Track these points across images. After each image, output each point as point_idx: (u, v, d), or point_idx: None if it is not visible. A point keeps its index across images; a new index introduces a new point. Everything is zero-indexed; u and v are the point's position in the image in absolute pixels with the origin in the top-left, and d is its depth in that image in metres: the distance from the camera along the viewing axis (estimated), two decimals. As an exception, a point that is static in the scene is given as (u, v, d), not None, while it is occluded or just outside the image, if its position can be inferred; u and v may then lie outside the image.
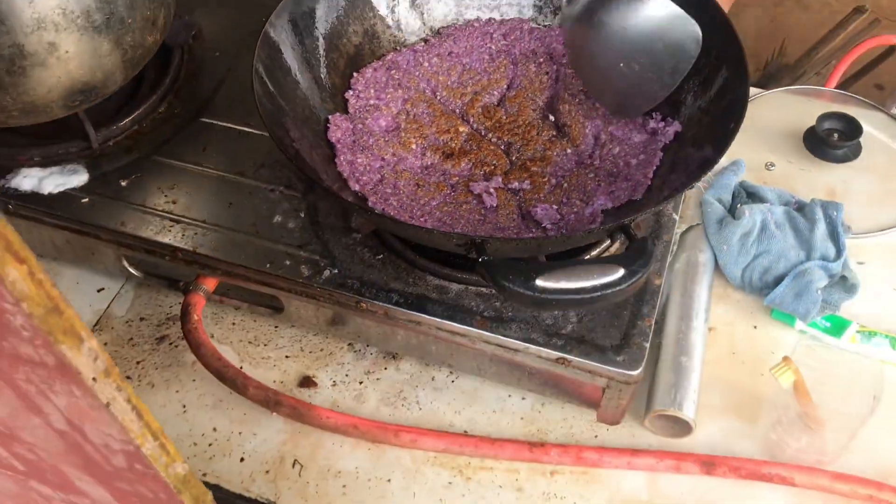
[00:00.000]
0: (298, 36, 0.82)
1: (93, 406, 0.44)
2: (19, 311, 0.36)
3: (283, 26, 0.81)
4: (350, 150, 0.82)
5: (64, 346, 0.39)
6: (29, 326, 0.37)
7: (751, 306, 0.95)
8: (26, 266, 0.35)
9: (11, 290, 0.35)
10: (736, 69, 0.77)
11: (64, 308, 0.38)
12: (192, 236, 0.84)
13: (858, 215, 1.02)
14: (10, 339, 0.40)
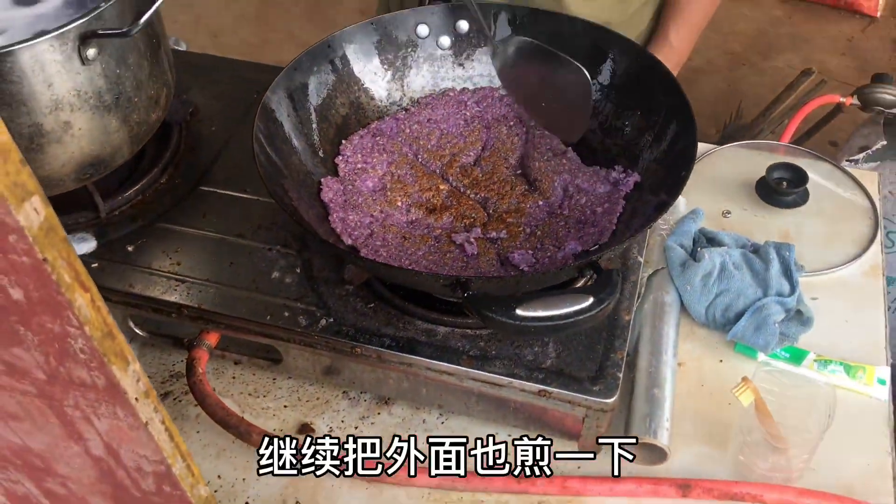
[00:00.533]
0: (293, 107, 0.91)
1: (132, 426, 0.51)
2: (82, 334, 0.43)
3: (280, 98, 0.89)
4: (342, 209, 0.89)
5: (115, 366, 0.45)
6: (88, 349, 0.44)
7: (716, 341, 1.02)
8: (90, 294, 0.42)
9: (78, 314, 0.42)
10: (684, 123, 0.86)
11: (116, 333, 0.45)
12: (197, 294, 0.91)
13: (810, 255, 1.10)
14: (67, 364, 0.46)
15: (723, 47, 3.25)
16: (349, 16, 3.45)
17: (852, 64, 3.19)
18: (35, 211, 0.37)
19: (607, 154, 0.96)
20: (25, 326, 0.44)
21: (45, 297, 0.41)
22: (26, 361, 0.48)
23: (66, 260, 0.40)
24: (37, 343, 0.45)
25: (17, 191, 0.36)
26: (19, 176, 0.36)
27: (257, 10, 3.52)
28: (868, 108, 1.84)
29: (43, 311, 0.42)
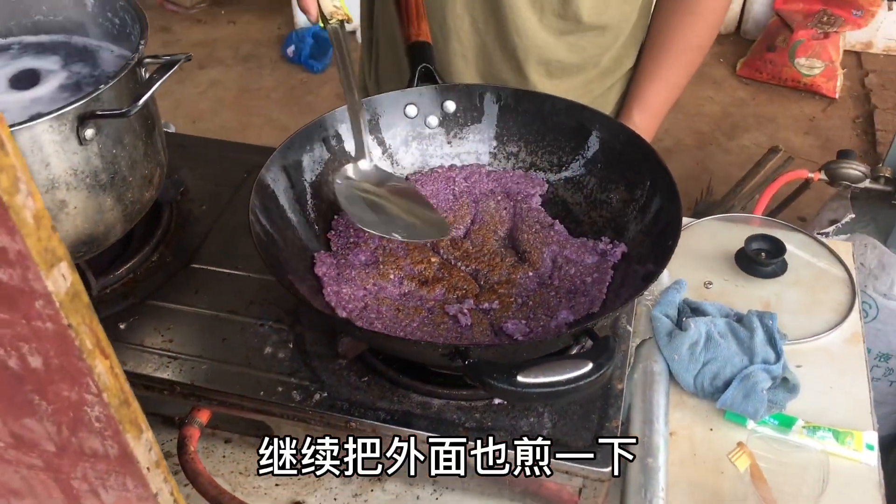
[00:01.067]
0: (290, 182, 0.93)
1: (141, 497, 0.50)
2: (99, 401, 0.43)
3: (276, 173, 0.91)
4: (335, 282, 0.90)
5: (129, 434, 0.45)
6: (104, 417, 0.44)
7: (705, 410, 1.03)
8: (109, 361, 0.42)
9: (97, 381, 0.42)
10: (668, 196, 0.89)
11: (132, 401, 0.45)
12: (190, 370, 0.90)
13: (791, 324, 1.13)
14: (80, 434, 0.46)
15: (691, 127, 3.36)
16: (327, 101, 3.53)
17: (815, 142, 3.31)
18: (63, 277, 0.38)
19: (593, 226, 0.98)
20: (41, 395, 0.44)
21: (65, 364, 0.41)
22: (36, 433, 0.47)
23: (89, 325, 0.40)
24: (50, 412, 0.45)
25: (47, 256, 0.36)
26: (50, 241, 0.37)
27: (235, 96, 3.58)
28: (835, 182, 1.90)
29: (61, 378, 0.43)
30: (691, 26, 1.21)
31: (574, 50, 1.19)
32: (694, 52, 1.25)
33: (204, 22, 4.08)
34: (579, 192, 1.01)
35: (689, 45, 1.23)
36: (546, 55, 1.17)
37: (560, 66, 1.19)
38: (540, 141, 1.03)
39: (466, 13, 1.14)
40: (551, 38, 1.15)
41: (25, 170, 0.35)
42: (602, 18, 1.16)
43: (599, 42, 1.20)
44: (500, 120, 1.04)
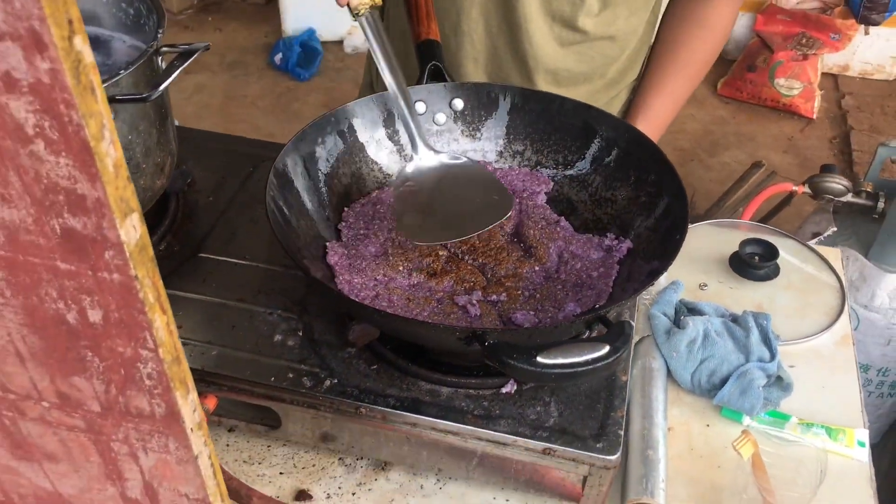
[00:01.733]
0: (306, 170, 0.94)
1: (181, 459, 0.51)
2: (154, 357, 0.44)
3: (294, 161, 0.93)
4: (347, 272, 0.92)
5: (178, 393, 0.47)
6: (156, 374, 0.45)
7: (702, 406, 1.06)
8: (167, 317, 0.44)
9: (155, 336, 0.43)
10: (674, 194, 0.92)
11: (182, 359, 0.46)
12: (200, 356, 0.91)
13: (784, 326, 1.15)
14: (128, 392, 0.47)
15: (672, 144, 3.41)
16: (314, 109, 3.54)
17: (794, 161, 3.37)
18: (134, 228, 0.39)
19: (598, 223, 1.01)
20: (94, 351, 0.45)
21: (125, 317, 0.42)
22: (83, 392, 0.48)
23: (153, 279, 0.41)
24: (101, 370, 0.46)
25: (122, 206, 0.38)
26: (125, 191, 0.38)
27: (221, 102, 3.58)
28: (818, 196, 1.95)
29: (118, 333, 0.44)
30: (699, 40, 1.23)
31: (582, 60, 1.21)
32: (699, 66, 1.26)
33: (191, 28, 4.08)
34: (584, 191, 1.03)
35: (696, 58, 1.25)
36: (555, 64, 1.19)
37: (568, 74, 1.21)
38: (546, 140, 1.06)
39: (481, 18, 1.16)
40: (560, 48, 1.18)
41: (110, 118, 0.36)
42: (609, 30, 1.18)
43: (607, 52, 1.22)
44: (507, 119, 1.06)
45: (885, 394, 1.99)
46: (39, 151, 0.36)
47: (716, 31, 1.24)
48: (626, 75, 1.28)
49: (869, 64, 3.83)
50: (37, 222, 0.39)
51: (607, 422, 0.86)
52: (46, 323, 0.44)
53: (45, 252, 0.40)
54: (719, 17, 1.23)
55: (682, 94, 1.27)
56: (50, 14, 0.31)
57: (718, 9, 1.22)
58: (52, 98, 0.34)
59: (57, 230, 0.39)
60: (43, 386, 0.49)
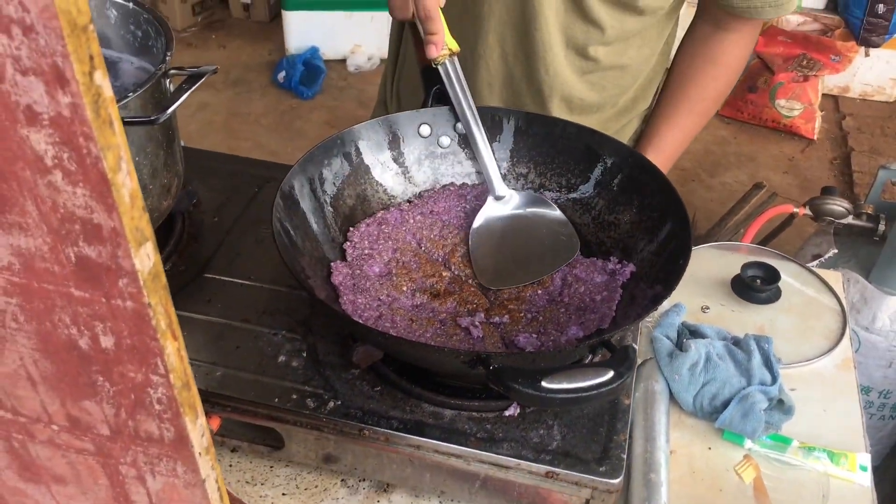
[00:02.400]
0: (312, 192, 0.95)
1: (189, 483, 0.52)
2: (165, 382, 0.45)
3: (301, 182, 0.94)
4: (351, 292, 0.92)
5: (188, 418, 0.47)
6: (166, 399, 0.46)
7: (704, 430, 1.06)
8: (178, 343, 0.44)
9: (167, 361, 0.44)
10: (678, 219, 0.92)
11: (192, 384, 0.47)
12: (204, 377, 0.91)
13: (785, 349, 1.16)
14: (138, 417, 0.48)
15: (674, 164, 3.42)
16: (317, 127, 3.56)
17: (794, 181, 3.39)
18: (148, 256, 0.40)
19: (601, 246, 1.01)
20: (105, 377, 0.46)
21: (137, 343, 0.43)
22: (93, 416, 0.49)
23: (165, 306, 0.42)
24: (112, 394, 0.47)
25: (137, 235, 0.38)
26: (141, 221, 0.38)
27: (224, 119, 3.60)
28: (819, 218, 1.95)
29: (130, 359, 0.44)
30: (711, 77, 1.25)
31: (595, 88, 1.23)
32: (710, 102, 1.28)
33: (194, 46, 4.11)
34: (587, 213, 1.04)
35: (706, 95, 1.27)
36: (569, 91, 1.20)
37: (581, 103, 1.22)
38: (550, 163, 1.07)
39: (498, 44, 1.18)
40: (575, 76, 1.19)
41: (127, 149, 0.37)
42: (621, 59, 1.20)
43: (619, 82, 1.24)
44: (511, 142, 1.07)
45: (887, 416, 1.99)
46: (57, 182, 0.37)
47: (728, 68, 1.25)
48: (637, 104, 1.30)
49: (869, 85, 3.85)
50: (52, 250, 0.40)
51: (610, 445, 0.86)
52: (59, 348, 0.45)
53: (60, 279, 0.41)
54: (731, 56, 1.24)
55: (692, 129, 1.29)
56: (73, 50, 0.32)
57: (731, 47, 1.23)
58: (72, 131, 0.34)
59: (72, 258, 0.40)
60: (53, 409, 0.50)
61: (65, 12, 0.31)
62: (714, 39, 1.23)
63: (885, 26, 3.52)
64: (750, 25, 1.22)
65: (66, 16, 0.31)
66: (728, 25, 1.21)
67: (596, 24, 1.13)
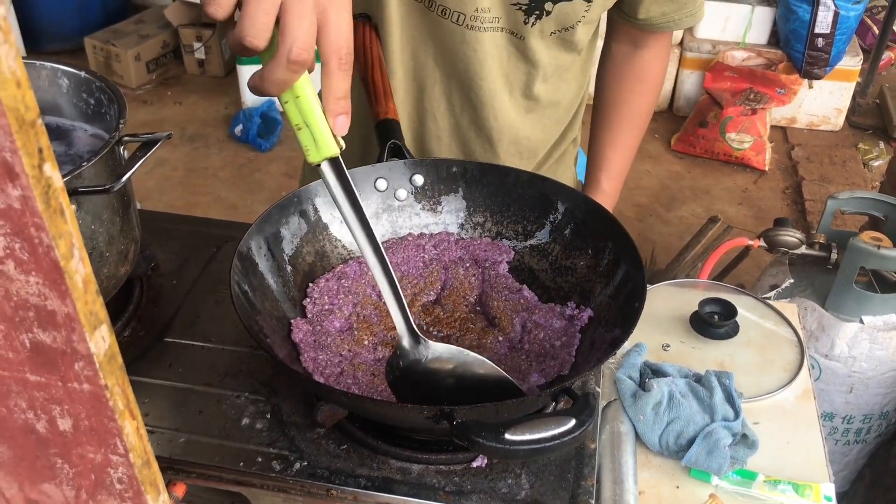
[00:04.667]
0: (269, 251, 0.95)
1: (153, 561, 0.51)
2: (125, 462, 0.45)
3: (258, 242, 0.94)
4: (312, 349, 0.92)
5: (149, 496, 0.47)
6: (127, 478, 0.46)
7: (671, 468, 1.07)
8: (136, 422, 0.44)
9: (126, 441, 0.44)
10: (632, 262, 0.94)
11: (153, 462, 0.47)
12: (167, 444, 0.90)
13: (746, 383, 1.18)
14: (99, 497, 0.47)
15: (630, 200, 3.48)
16: (275, 178, 3.56)
17: (749, 212, 3.46)
18: (103, 339, 0.40)
19: (559, 291, 1.03)
20: (64, 458, 0.46)
21: (95, 425, 0.43)
22: (53, 498, 0.48)
23: (122, 387, 0.42)
24: (72, 476, 0.46)
25: (91, 319, 0.39)
26: (94, 305, 0.39)
27: (182, 175, 3.59)
28: (773, 249, 2.00)
29: (88, 440, 0.44)
30: (639, 94, 1.34)
31: (537, 126, 1.28)
32: (644, 118, 1.38)
33: (150, 103, 4.11)
34: (545, 259, 1.05)
35: (640, 111, 1.37)
36: (517, 133, 1.24)
37: (528, 143, 1.27)
38: (505, 211, 1.08)
39: (444, 98, 1.21)
40: (520, 117, 1.23)
41: (79, 236, 0.37)
42: (557, 95, 1.24)
43: (555, 117, 1.30)
44: (466, 192, 1.09)
45: (851, 441, 2.02)
46: (9, 271, 0.37)
47: (653, 83, 1.35)
48: (568, 134, 1.37)
49: (815, 116, 3.97)
50: (6, 337, 0.40)
51: (578, 491, 0.86)
52: (15, 433, 0.45)
53: (15, 365, 0.41)
54: (654, 71, 1.34)
55: (634, 146, 1.37)
56: (22, 145, 0.32)
57: (652, 63, 1.33)
58: (23, 222, 0.35)
59: (27, 344, 0.40)
60: (11, 494, 0.49)
61: (13, 109, 0.32)
62: (635, 58, 1.32)
63: (825, 59, 3.64)
64: (665, 38, 1.32)
65: (13, 113, 0.32)
66: (646, 42, 1.30)
67: (535, 63, 1.18)
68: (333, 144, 0.74)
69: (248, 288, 0.90)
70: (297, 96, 0.72)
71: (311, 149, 0.74)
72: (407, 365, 0.85)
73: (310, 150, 0.74)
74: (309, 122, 0.73)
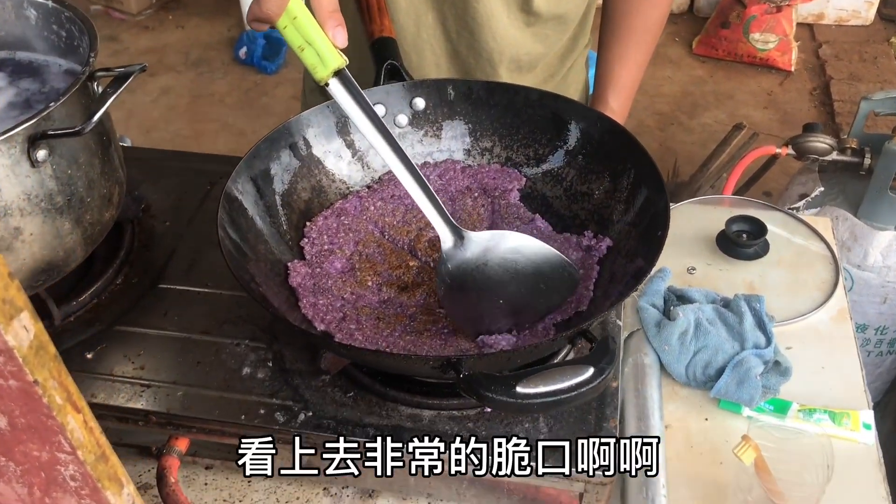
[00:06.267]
0: (258, 193, 0.88)
1: (126, 555, 0.46)
2: (74, 459, 0.39)
3: (244, 184, 0.87)
4: (312, 293, 0.86)
5: (109, 491, 0.41)
6: (80, 475, 0.40)
7: (699, 400, 1.01)
8: (82, 415, 0.38)
9: (70, 438, 0.38)
10: (654, 185, 0.86)
11: (110, 454, 0.41)
12: (165, 398, 0.86)
13: (777, 305, 1.11)
14: (54, 494, 0.42)
15: (651, 108, 3.35)
16: (282, 102, 3.46)
17: (775, 116, 3.32)
18: (25, 329, 0.34)
19: (575, 220, 0.95)
20: (7, 457, 0.40)
21: (33, 422, 0.37)
22: (5, 495, 0.43)
23: (58, 380, 0.36)
24: (20, 474, 0.41)
25: (5, 308, 0.32)
26: (7, 291, 0.32)
27: (188, 102, 3.50)
28: (802, 157, 1.90)
29: (30, 438, 0.38)
30: (651, 4, 1.23)
31: (539, 39, 1.19)
32: (656, 31, 1.27)
33: (151, 28, 3.98)
34: (559, 185, 0.98)
35: (652, 24, 1.25)
36: (517, 50, 1.16)
37: (528, 58, 1.18)
38: (514, 134, 1.00)
39: (439, 24, 1.13)
40: (519, 33, 1.15)
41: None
42: (558, 8, 1.15)
43: (559, 29, 1.21)
44: (472, 115, 1.01)
45: (885, 352, 1.95)
46: None
47: None
48: (577, 42, 1.27)
49: (844, 10, 3.77)
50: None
51: (600, 433, 0.81)
52: (-51, 431, 0.39)
53: (-72, 362, 0.35)
54: None
55: (644, 60, 1.28)
56: None
57: None
58: None
59: (-65, 340, 0.33)
60: (-39, 491, 0.44)
61: None
62: None
63: (856, -52, 3.43)
64: None
65: None
66: None
67: None
68: (337, 55, 0.76)
69: (237, 232, 0.83)
70: (294, 17, 0.73)
71: (317, 66, 0.75)
72: (456, 266, 0.84)
73: (317, 68, 0.75)
74: (310, 38, 0.74)
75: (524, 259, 0.83)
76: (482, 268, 0.84)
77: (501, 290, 0.83)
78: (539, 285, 0.83)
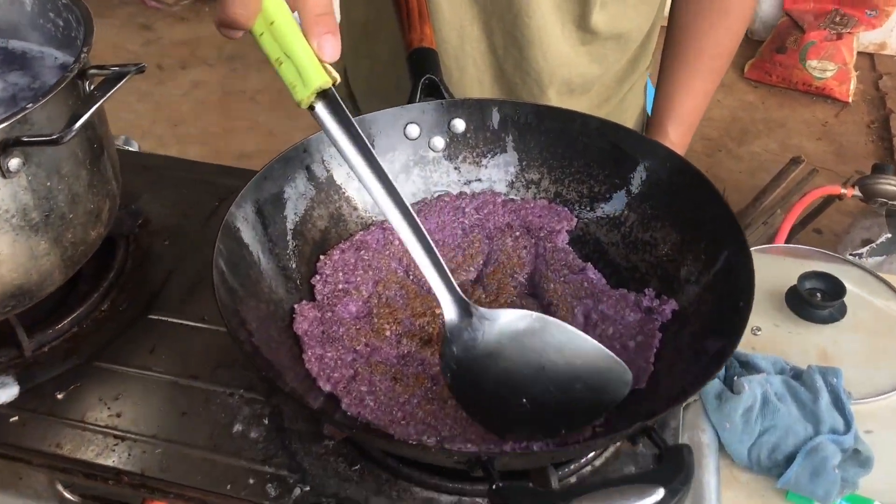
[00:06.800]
0: (263, 223, 0.76)
1: None
2: None
3: (247, 213, 0.74)
4: (319, 344, 0.73)
5: None
6: None
7: (762, 488, 0.87)
8: None
9: None
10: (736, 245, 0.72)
11: None
12: (140, 455, 0.73)
13: (855, 379, 0.96)
14: None
15: (698, 133, 3.18)
16: (316, 103, 3.34)
17: (829, 149, 3.16)
18: None
19: (634, 272, 0.82)
20: None
21: None
22: None
23: None
24: None
25: None
26: None
27: (219, 98, 3.40)
28: (870, 199, 1.74)
29: None
30: (723, 28, 1.09)
31: (594, 59, 1.07)
32: (726, 58, 1.13)
33: (187, 20, 3.89)
34: (616, 231, 0.84)
35: (723, 49, 1.11)
36: (570, 71, 1.04)
37: (581, 80, 1.06)
38: (567, 167, 0.87)
39: (485, 37, 1.02)
40: (572, 52, 1.03)
41: None
42: (621, 25, 1.04)
43: (619, 49, 1.09)
44: (518, 142, 0.88)
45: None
46: None
47: (742, 17, 1.09)
48: (638, 64, 1.14)
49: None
50: None
51: (651, 536, 0.67)
52: None
53: None
54: (742, 2, 1.08)
55: (711, 90, 1.14)
56: None
57: None
58: None
59: None
60: None
61: None
62: None
63: (926, -24, 3.26)
64: None
65: None
66: None
67: None
68: (322, 72, 0.60)
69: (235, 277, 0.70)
70: (271, 22, 0.58)
71: (296, 85, 0.59)
72: (462, 350, 0.67)
73: (296, 87, 0.60)
74: (289, 50, 0.59)
75: (553, 351, 0.66)
76: (496, 356, 0.67)
77: (524, 389, 0.66)
78: (574, 385, 0.66)
